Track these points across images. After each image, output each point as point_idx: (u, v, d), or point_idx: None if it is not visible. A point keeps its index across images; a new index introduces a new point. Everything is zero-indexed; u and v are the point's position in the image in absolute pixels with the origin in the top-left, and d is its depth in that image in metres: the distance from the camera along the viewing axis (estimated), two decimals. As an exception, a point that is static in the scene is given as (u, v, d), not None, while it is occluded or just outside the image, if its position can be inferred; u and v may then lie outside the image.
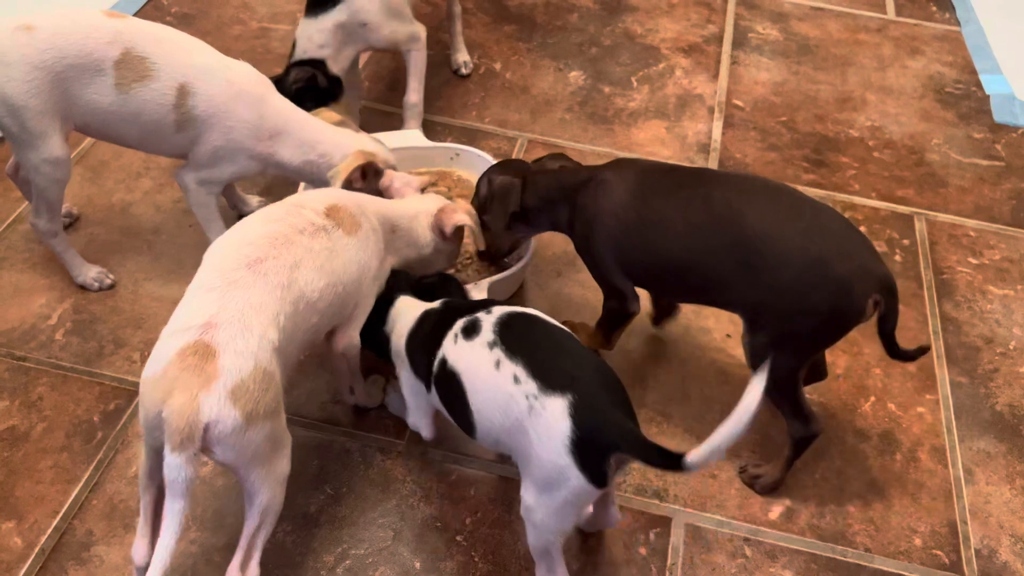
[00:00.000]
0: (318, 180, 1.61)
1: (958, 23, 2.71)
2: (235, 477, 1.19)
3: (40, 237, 1.67)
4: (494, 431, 1.20)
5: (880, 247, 1.95)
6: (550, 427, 1.11)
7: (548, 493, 1.14)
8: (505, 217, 1.55)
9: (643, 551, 1.40)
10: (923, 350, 1.40)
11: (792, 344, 1.35)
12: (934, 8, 2.78)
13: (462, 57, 2.35)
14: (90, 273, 1.72)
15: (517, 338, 1.19)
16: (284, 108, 1.62)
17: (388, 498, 1.44)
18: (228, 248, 1.26)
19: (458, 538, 1.39)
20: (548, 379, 1.13)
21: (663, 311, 1.72)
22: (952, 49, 2.60)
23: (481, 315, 1.25)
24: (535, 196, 1.54)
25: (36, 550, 1.34)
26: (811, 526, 1.45)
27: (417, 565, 1.36)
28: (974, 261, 1.94)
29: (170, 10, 2.50)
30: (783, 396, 1.39)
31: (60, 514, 1.39)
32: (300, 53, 1.86)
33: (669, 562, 1.39)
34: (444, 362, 1.26)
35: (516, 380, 1.15)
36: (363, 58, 2.37)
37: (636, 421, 1.15)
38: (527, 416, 1.13)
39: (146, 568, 1.14)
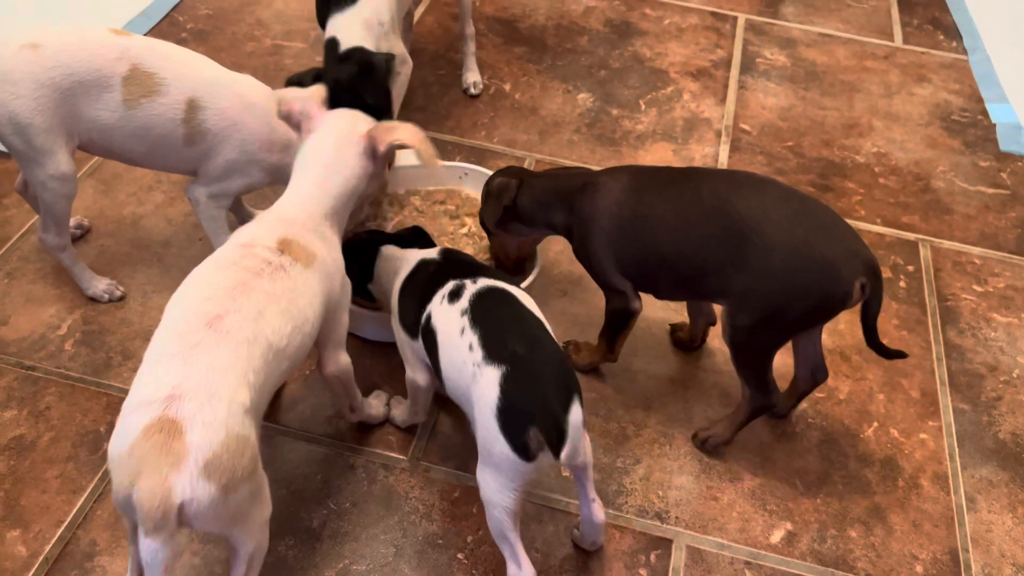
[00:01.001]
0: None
1: (965, 52, 2.73)
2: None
3: (49, 251, 1.69)
4: (455, 391, 1.29)
5: (885, 273, 1.96)
6: (483, 394, 1.19)
7: (486, 463, 1.22)
8: (498, 211, 1.61)
9: (644, 572, 1.40)
10: (901, 354, 1.46)
11: (775, 325, 1.40)
12: (941, 37, 2.80)
13: (472, 77, 2.38)
14: (100, 285, 1.74)
15: (484, 310, 1.27)
16: None
17: (391, 514, 1.45)
18: (185, 307, 1.17)
19: (459, 556, 1.40)
20: (492, 351, 1.20)
21: (692, 339, 1.74)
22: (959, 77, 2.62)
23: (468, 282, 1.32)
24: (530, 197, 1.60)
25: (40, 559, 1.35)
26: (812, 551, 1.45)
27: (418, 582, 1.36)
28: (979, 289, 1.95)
29: (185, 26, 2.53)
30: (753, 370, 1.46)
31: (65, 524, 1.40)
32: (344, 44, 1.75)
33: (669, 584, 1.39)
34: (429, 318, 1.33)
35: (470, 348, 1.22)
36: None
37: (573, 407, 1.17)
38: (472, 382, 1.21)
39: None
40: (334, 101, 1.50)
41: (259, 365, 1.14)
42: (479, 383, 1.20)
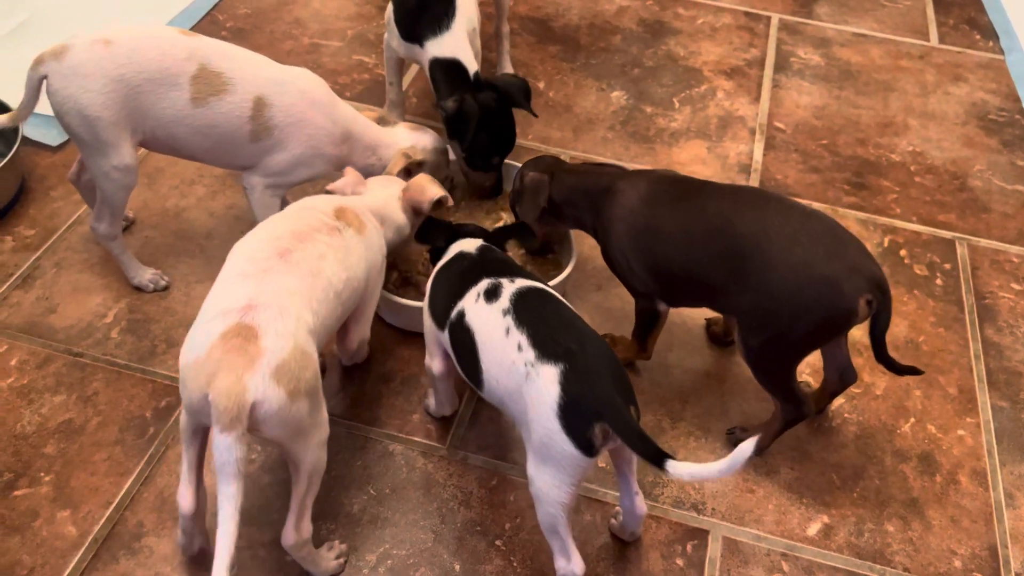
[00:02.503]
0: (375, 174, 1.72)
1: (1002, 52, 2.71)
2: (280, 451, 1.23)
3: (100, 240, 1.73)
4: (499, 391, 1.27)
5: (921, 271, 1.95)
6: (541, 392, 1.17)
7: (543, 461, 1.20)
8: (536, 210, 1.64)
9: (680, 563, 1.41)
10: (913, 370, 1.47)
11: (785, 344, 1.40)
12: (978, 36, 2.79)
13: None
14: (146, 275, 1.78)
15: (528, 310, 1.26)
16: (348, 112, 1.71)
17: (429, 501, 1.47)
18: (257, 242, 1.32)
19: (497, 543, 1.42)
20: (545, 349, 1.19)
21: (727, 333, 1.75)
22: (996, 77, 2.60)
23: (505, 282, 1.31)
24: (560, 194, 1.63)
25: (89, 539, 1.38)
26: (849, 544, 1.45)
27: (457, 568, 1.38)
28: (1017, 287, 1.94)
29: (225, 24, 2.58)
30: (775, 386, 1.46)
31: (113, 505, 1.43)
32: (470, 67, 1.86)
33: (706, 574, 1.40)
34: (462, 315, 1.32)
35: (519, 348, 1.21)
36: (407, 76, 2.42)
37: (633, 402, 1.19)
38: (524, 382, 1.20)
39: (191, 515, 1.22)
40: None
41: (320, 297, 1.27)
42: (535, 383, 1.18)
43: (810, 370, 1.70)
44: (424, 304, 1.47)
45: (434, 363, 1.46)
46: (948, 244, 2.03)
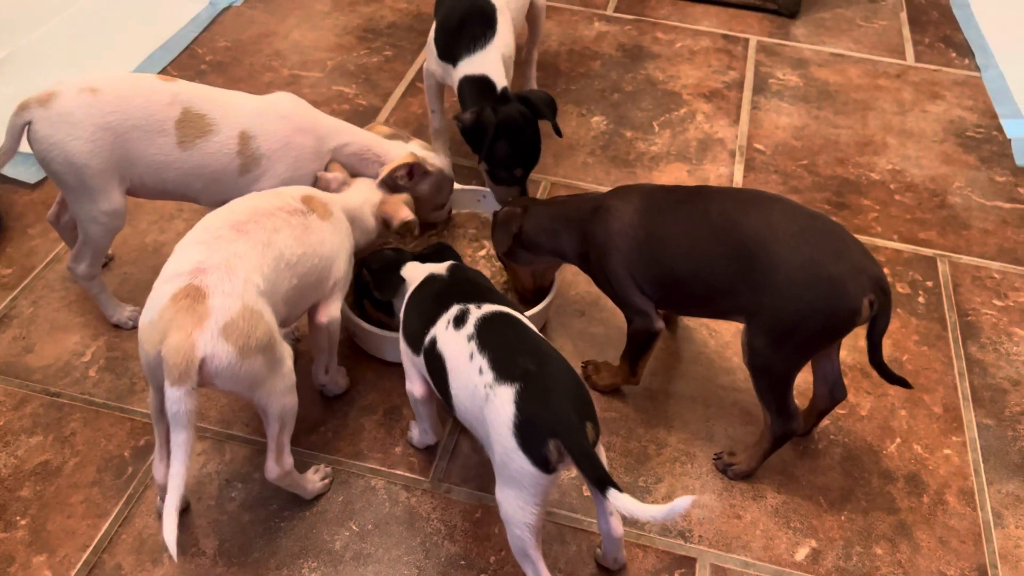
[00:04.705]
0: (371, 176, 1.74)
1: (978, 69, 2.74)
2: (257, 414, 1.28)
3: (78, 280, 1.71)
4: (467, 415, 1.29)
5: (903, 289, 1.95)
6: (499, 412, 1.19)
7: (506, 482, 1.21)
8: (507, 241, 1.64)
9: (668, 592, 1.39)
10: (904, 382, 1.47)
11: (790, 344, 1.39)
12: (953, 54, 2.81)
13: None
14: (124, 312, 1.76)
15: (491, 334, 1.28)
16: (332, 124, 1.73)
17: (413, 535, 1.45)
18: (215, 214, 1.39)
19: (482, 576, 1.40)
20: (503, 371, 1.21)
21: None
22: (972, 94, 2.62)
23: (472, 307, 1.33)
24: (536, 225, 1.63)
25: (66, 583, 1.36)
26: (837, 568, 1.44)
27: (441, 603, 1.36)
28: (999, 303, 1.94)
29: (205, 58, 2.58)
30: (774, 394, 1.45)
31: (90, 548, 1.41)
32: (499, 83, 1.88)
33: (694, 603, 1.38)
34: (435, 341, 1.34)
35: (480, 372, 1.23)
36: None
37: (592, 419, 1.19)
38: (485, 404, 1.21)
39: (165, 487, 1.23)
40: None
41: (271, 264, 1.33)
42: (493, 403, 1.20)
43: (797, 392, 1.69)
44: (399, 330, 1.47)
45: (415, 387, 1.45)
46: (929, 262, 2.03)
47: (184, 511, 1.45)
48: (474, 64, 1.88)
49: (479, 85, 1.88)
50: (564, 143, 2.33)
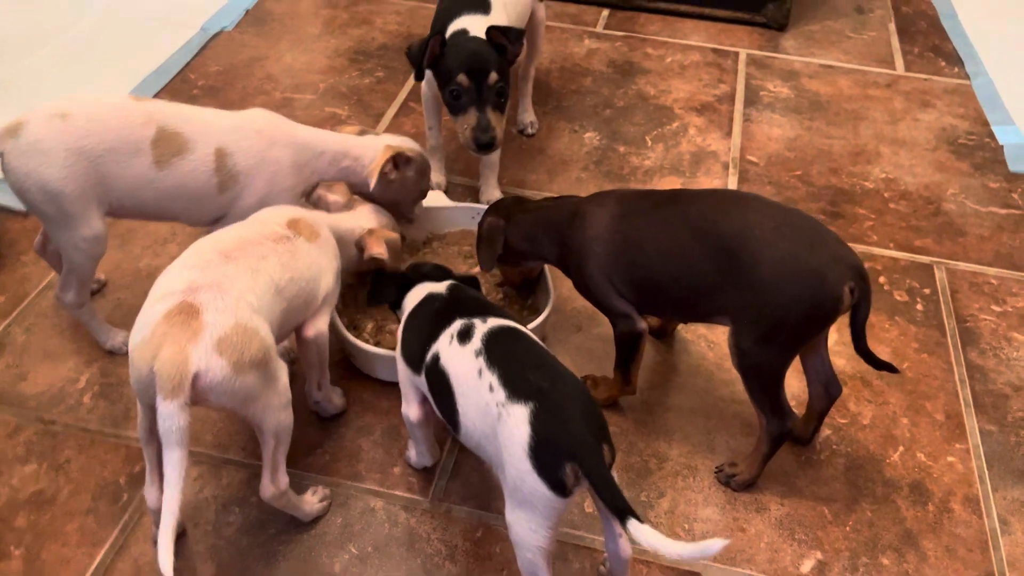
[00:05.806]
0: (358, 181, 1.73)
1: (968, 77, 2.75)
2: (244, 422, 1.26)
3: (67, 309, 1.70)
4: (475, 434, 1.25)
5: (901, 297, 1.95)
6: (512, 432, 1.15)
7: (518, 504, 1.18)
8: (493, 257, 1.67)
9: (673, 608, 1.37)
10: (891, 367, 1.47)
11: (777, 339, 1.39)
12: (943, 63, 2.82)
13: (529, 117, 2.43)
14: (117, 338, 1.75)
15: (500, 350, 1.24)
16: (308, 134, 1.72)
17: (413, 557, 1.43)
18: (203, 242, 1.39)
19: (484, 597, 1.38)
20: (515, 388, 1.18)
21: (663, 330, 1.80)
22: (963, 102, 2.63)
23: (477, 322, 1.29)
24: (518, 234, 1.64)
25: (61, 614, 1.34)
26: (844, 580, 1.42)
27: (443, 625, 1.34)
28: (997, 309, 1.93)
29: (197, 83, 2.58)
30: (767, 393, 1.44)
31: (86, 577, 1.39)
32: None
33: (700, 619, 1.36)
34: (437, 357, 1.31)
35: (491, 389, 1.20)
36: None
37: (607, 441, 1.16)
38: (497, 423, 1.18)
39: (159, 511, 1.19)
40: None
41: (261, 289, 1.32)
42: (506, 423, 1.16)
43: (796, 402, 1.67)
44: (397, 350, 1.44)
45: (411, 410, 1.43)
46: (926, 269, 2.03)
47: (180, 537, 1.43)
48: (463, 23, 1.88)
49: (459, 33, 1.88)
50: (558, 158, 2.33)
